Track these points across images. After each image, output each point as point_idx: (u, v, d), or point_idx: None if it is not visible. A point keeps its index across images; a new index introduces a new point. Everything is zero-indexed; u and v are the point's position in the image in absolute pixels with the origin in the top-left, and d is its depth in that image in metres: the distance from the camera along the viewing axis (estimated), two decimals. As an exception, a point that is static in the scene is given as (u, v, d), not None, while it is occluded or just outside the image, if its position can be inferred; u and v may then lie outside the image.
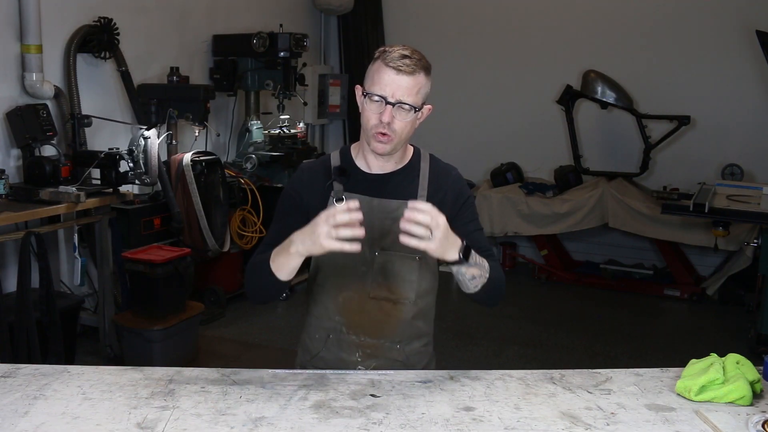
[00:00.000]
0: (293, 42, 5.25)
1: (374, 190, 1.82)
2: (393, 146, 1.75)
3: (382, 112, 1.70)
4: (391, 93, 1.70)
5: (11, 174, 3.87)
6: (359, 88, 1.79)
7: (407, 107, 1.71)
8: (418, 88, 1.72)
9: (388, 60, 1.70)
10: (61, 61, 4.21)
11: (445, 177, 1.86)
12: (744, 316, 5.06)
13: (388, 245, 1.80)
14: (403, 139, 1.77)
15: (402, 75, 1.69)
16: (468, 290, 1.76)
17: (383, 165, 1.83)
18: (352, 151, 1.88)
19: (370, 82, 1.74)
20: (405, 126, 1.74)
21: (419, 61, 1.72)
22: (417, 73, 1.71)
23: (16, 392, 1.58)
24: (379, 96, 1.70)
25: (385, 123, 1.70)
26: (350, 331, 1.85)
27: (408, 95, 1.70)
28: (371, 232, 1.79)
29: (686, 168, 5.77)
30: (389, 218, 1.79)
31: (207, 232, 4.48)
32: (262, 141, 5.46)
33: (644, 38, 5.90)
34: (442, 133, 6.45)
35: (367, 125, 1.74)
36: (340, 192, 1.81)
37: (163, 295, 3.82)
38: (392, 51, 1.72)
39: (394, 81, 1.69)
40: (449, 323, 4.83)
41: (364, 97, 1.74)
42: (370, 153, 1.82)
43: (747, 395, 1.60)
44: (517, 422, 1.51)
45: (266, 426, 1.46)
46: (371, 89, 1.72)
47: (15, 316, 3.37)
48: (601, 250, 6.15)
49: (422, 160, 1.87)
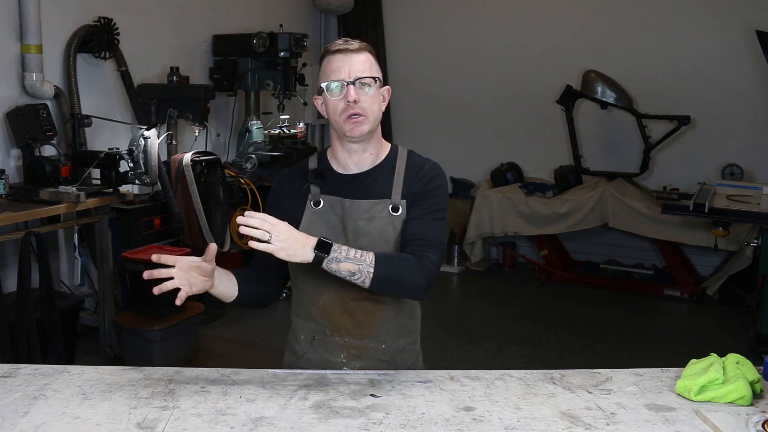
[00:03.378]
0: (293, 42, 5.25)
1: (350, 191, 1.82)
2: (369, 125, 1.76)
3: (345, 94, 1.73)
4: (347, 73, 1.73)
5: (11, 174, 3.87)
6: (317, 97, 1.82)
7: (368, 80, 1.74)
8: (369, 64, 1.76)
9: (332, 48, 1.76)
10: (61, 61, 4.21)
11: (419, 170, 1.84)
12: (744, 316, 5.06)
13: (365, 245, 1.77)
14: (375, 117, 1.78)
15: (349, 53, 1.74)
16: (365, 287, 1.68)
17: (359, 161, 1.83)
18: (328, 154, 1.89)
19: (324, 76, 1.77)
20: (372, 102, 1.76)
21: (360, 42, 1.78)
22: (363, 51, 1.77)
23: (16, 392, 1.58)
24: (338, 80, 1.74)
25: (352, 102, 1.72)
26: (334, 333, 1.84)
27: (362, 70, 1.74)
28: (346, 233, 1.80)
29: (686, 168, 5.77)
30: (363, 218, 1.79)
31: (207, 232, 4.48)
32: (262, 141, 5.46)
33: (644, 38, 5.90)
34: (442, 133, 6.47)
35: (335, 115, 1.76)
36: (317, 194, 1.83)
37: (163, 295, 3.80)
38: (332, 43, 1.79)
39: (344, 62, 1.74)
40: (449, 323, 4.83)
41: (325, 91, 1.76)
42: (344, 152, 1.83)
43: (747, 395, 1.60)
44: (517, 422, 1.51)
45: (266, 426, 1.46)
46: (328, 80, 1.75)
47: (15, 316, 3.37)
48: (601, 250, 6.15)
49: (399, 157, 1.86)
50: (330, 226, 1.81)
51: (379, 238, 1.79)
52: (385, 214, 1.79)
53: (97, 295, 4.15)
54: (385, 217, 1.79)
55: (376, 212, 1.79)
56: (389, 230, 1.79)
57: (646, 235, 5.59)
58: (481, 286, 5.80)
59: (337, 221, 1.81)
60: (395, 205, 1.79)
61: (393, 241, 1.79)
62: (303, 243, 1.62)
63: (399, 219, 1.79)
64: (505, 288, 5.83)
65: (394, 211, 1.79)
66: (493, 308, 5.26)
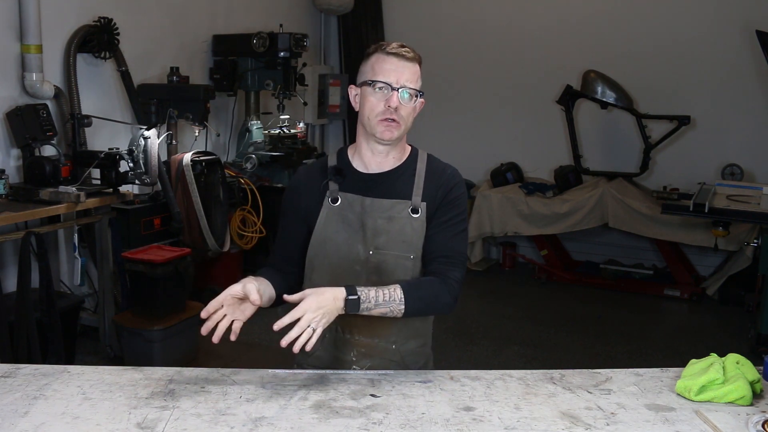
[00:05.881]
0: (293, 42, 5.25)
1: (369, 190, 1.82)
2: (399, 133, 1.77)
3: (388, 98, 1.73)
4: (396, 79, 1.73)
5: (11, 174, 3.87)
6: (353, 87, 1.82)
7: (411, 93, 1.75)
8: (417, 76, 1.77)
9: (389, 49, 1.75)
10: (61, 61, 4.21)
11: (440, 175, 1.85)
12: (744, 316, 5.06)
13: (382, 244, 1.80)
14: (407, 126, 1.79)
15: (404, 61, 1.74)
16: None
17: (381, 162, 1.83)
18: (348, 152, 1.89)
19: (371, 73, 1.76)
20: (409, 113, 1.77)
21: (414, 51, 1.78)
22: (416, 62, 1.77)
23: (16, 392, 1.58)
24: (384, 83, 1.73)
25: (393, 108, 1.73)
26: (345, 331, 1.85)
27: (411, 81, 1.75)
28: (365, 231, 1.80)
29: (686, 168, 5.77)
30: (382, 217, 1.80)
31: (207, 232, 4.48)
32: (262, 141, 5.46)
33: (644, 38, 5.90)
34: (442, 133, 6.46)
35: (371, 114, 1.75)
36: (335, 191, 1.83)
37: (163, 295, 3.82)
38: (389, 42, 1.78)
39: (398, 67, 1.73)
40: (449, 323, 4.83)
41: (368, 87, 1.75)
42: (368, 150, 1.82)
43: (747, 395, 1.60)
44: (517, 422, 1.51)
45: (266, 426, 1.46)
46: (374, 78, 1.74)
47: (15, 316, 3.37)
48: (601, 250, 6.15)
49: (419, 160, 1.87)
50: (347, 224, 1.81)
51: (397, 238, 1.79)
52: (404, 215, 1.80)
53: (97, 295, 4.15)
54: (405, 218, 1.80)
55: (396, 212, 1.80)
56: (408, 231, 1.79)
57: (646, 235, 5.59)
58: (481, 286, 5.80)
59: (354, 219, 1.81)
60: (415, 207, 1.80)
61: (410, 241, 1.79)
62: (334, 306, 1.63)
63: (418, 221, 1.80)
64: (505, 288, 5.83)
65: (414, 212, 1.80)
66: (493, 308, 5.26)
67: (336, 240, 1.81)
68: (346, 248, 1.81)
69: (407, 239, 1.79)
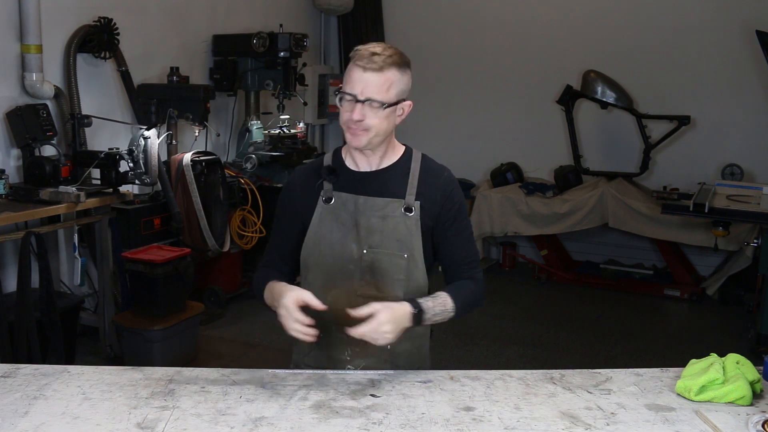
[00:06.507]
0: (293, 42, 5.25)
1: (362, 188, 1.84)
2: (368, 140, 1.77)
3: (352, 109, 1.75)
4: (360, 90, 1.73)
5: (11, 174, 3.87)
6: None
7: (377, 104, 1.74)
8: (388, 85, 1.74)
9: (356, 58, 1.75)
10: (61, 61, 4.21)
11: (436, 177, 1.87)
12: (744, 316, 5.06)
13: (376, 243, 1.81)
14: (381, 133, 1.78)
15: (369, 72, 1.73)
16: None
17: (369, 162, 1.86)
18: (342, 151, 1.91)
19: (343, 81, 1.79)
20: (380, 121, 1.76)
21: (389, 57, 1.74)
22: (386, 70, 1.73)
23: (16, 392, 1.58)
24: (350, 94, 1.75)
25: (356, 120, 1.74)
26: (339, 329, 1.85)
27: (377, 92, 1.73)
28: (358, 230, 1.81)
29: (686, 168, 5.77)
30: (376, 216, 1.81)
31: (207, 232, 4.48)
32: (262, 141, 5.46)
33: (644, 38, 5.89)
34: (442, 133, 6.46)
35: (341, 121, 1.80)
36: (329, 191, 1.85)
37: (163, 295, 3.82)
38: (362, 49, 1.76)
39: (361, 79, 1.73)
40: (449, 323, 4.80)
41: (336, 96, 1.79)
42: (354, 150, 1.85)
43: (747, 395, 1.60)
44: (517, 422, 1.51)
45: (266, 426, 1.46)
46: (344, 88, 1.77)
47: (15, 316, 3.37)
48: (601, 250, 6.15)
49: (413, 160, 1.88)
50: (340, 223, 1.82)
51: (391, 237, 1.81)
52: (398, 214, 1.81)
53: (97, 295, 4.15)
54: (399, 217, 1.81)
55: (389, 211, 1.82)
56: (402, 229, 1.81)
57: (646, 235, 5.59)
58: (481, 286, 5.79)
59: (348, 218, 1.82)
60: (408, 206, 1.82)
61: (404, 240, 1.81)
62: (403, 320, 1.70)
63: (412, 219, 1.81)
64: (505, 288, 5.82)
65: (408, 211, 1.82)
66: (493, 308, 5.25)
67: (330, 239, 1.83)
68: (340, 247, 1.82)
69: (401, 238, 1.81)
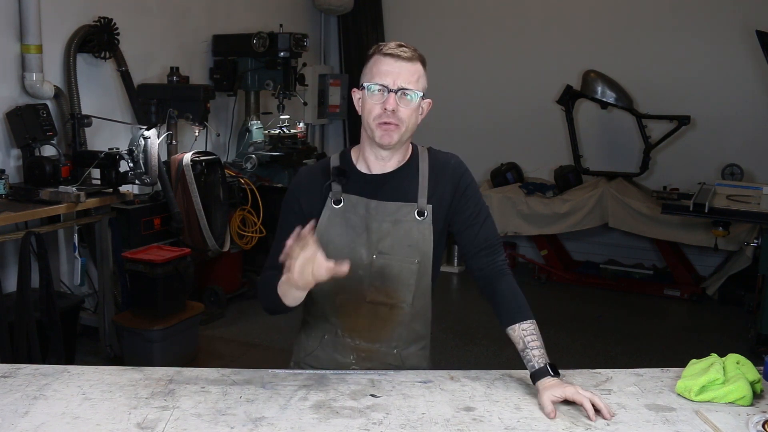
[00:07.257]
0: (293, 42, 5.25)
1: (373, 191, 1.78)
2: (400, 136, 1.72)
3: (384, 100, 1.69)
4: (392, 80, 1.68)
5: (11, 174, 3.87)
6: (356, 90, 1.78)
7: (410, 93, 1.70)
8: (417, 76, 1.72)
9: (385, 49, 1.71)
10: (61, 61, 4.21)
11: (444, 170, 1.82)
12: (744, 316, 5.06)
13: (387, 248, 1.76)
14: (409, 129, 1.74)
15: (401, 61, 1.69)
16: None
17: (384, 165, 1.79)
18: (352, 154, 1.84)
19: (369, 75, 1.72)
20: (410, 114, 1.72)
21: (415, 51, 1.73)
22: (415, 61, 1.71)
23: (16, 392, 1.58)
24: (380, 85, 1.69)
25: (390, 111, 1.68)
26: (345, 334, 1.83)
27: (409, 81, 1.69)
28: (369, 234, 1.77)
29: (686, 168, 5.77)
30: (387, 221, 1.76)
31: (207, 232, 4.48)
32: (262, 141, 5.46)
33: (644, 38, 5.90)
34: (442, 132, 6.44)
35: (369, 118, 1.72)
36: (338, 193, 1.78)
37: (163, 295, 3.82)
38: (387, 43, 1.74)
39: (394, 68, 1.69)
40: (449, 323, 4.82)
41: (363, 91, 1.72)
42: (371, 153, 1.78)
43: (747, 395, 1.60)
44: (518, 422, 1.51)
45: (266, 426, 1.46)
46: (371, 81, 1.70)
47: (15, 316, 3.37)
48: (601, 250, 6.15)
49: (421, 158, 1.83)
50: (350, 226, 1.77)
51: (403, 242, 1.76)
52: (411, 218, 1.77)
53: (97, 295, 4.15)
54: (411, 221, 1.76)
55: (402, 215, 1.77)
56: (414, 234, 1.77)
57: (646, 235, 5.59)
58: (482, 286, 5.79)
59: (358, 221, 1.77)
60: (421, 210, 1.77)
61: (416, 245, 1.77)
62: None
63: (425, 224, 1.77)
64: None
65: (420, 215, 1.77)
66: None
67: (338, 243, 1.76)
68: (349, 251, 1.75)
69: (413, 243, 1.76)
